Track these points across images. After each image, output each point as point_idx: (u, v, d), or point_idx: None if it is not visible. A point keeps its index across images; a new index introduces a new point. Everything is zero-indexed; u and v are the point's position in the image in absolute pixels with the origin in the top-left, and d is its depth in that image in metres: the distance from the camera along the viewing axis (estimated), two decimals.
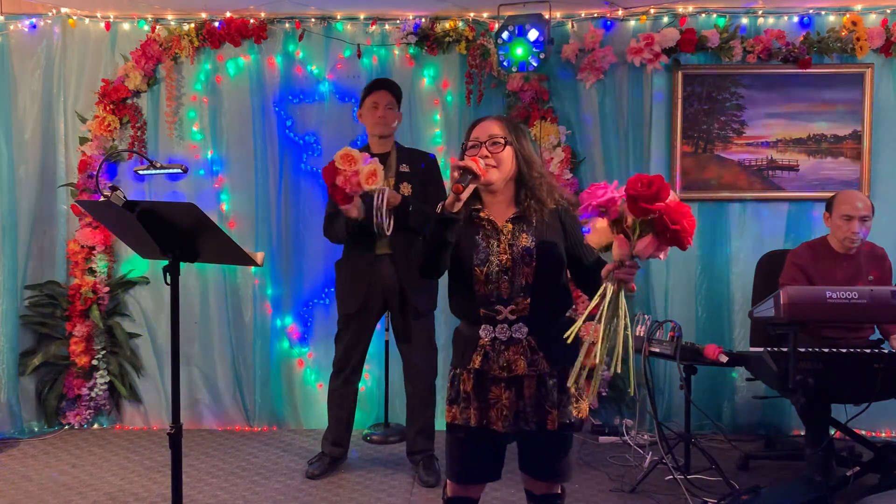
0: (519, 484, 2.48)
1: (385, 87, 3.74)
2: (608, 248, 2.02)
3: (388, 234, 3.47)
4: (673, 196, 1.90)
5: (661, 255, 1.94)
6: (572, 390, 2.15)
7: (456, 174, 2.10)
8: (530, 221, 2.21)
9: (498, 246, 2.20)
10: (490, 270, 2.18)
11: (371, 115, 3.69)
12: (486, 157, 2.18)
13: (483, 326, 2.22)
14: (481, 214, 2.24)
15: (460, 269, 2.23)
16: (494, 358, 2.19)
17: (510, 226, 2.21)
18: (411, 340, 3.70)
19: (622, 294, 1.96)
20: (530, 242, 2.19)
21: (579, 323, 2.07)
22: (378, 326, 3.96)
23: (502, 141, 2.21)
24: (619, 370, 1.95)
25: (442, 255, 2.18)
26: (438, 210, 2.12)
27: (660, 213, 1.87)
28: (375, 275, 3.64)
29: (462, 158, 2.23)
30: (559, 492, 2.35)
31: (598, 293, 1.99)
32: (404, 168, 3.67)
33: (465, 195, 2.10)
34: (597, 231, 2.02)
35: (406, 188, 3.62)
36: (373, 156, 3.68)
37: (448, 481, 2.38)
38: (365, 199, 3.37)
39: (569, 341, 2.05)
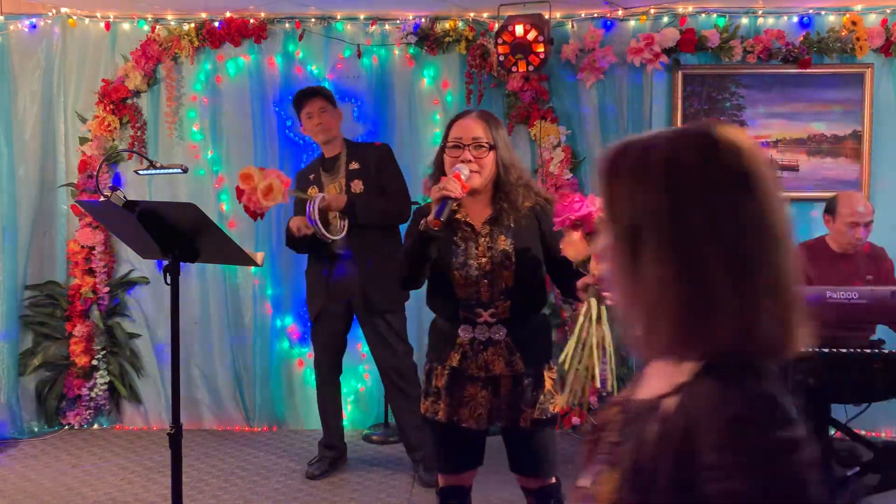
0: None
1: (312, 94, 3.75)
2: (585, 261, 2.03)
3: (335, 238, 3.53)
4: None
5: None
6: (567, 389, 2.14)
7: (434, 204, 2.09)
8: (507, 223, 2.21)
9: (476, 249, 2.20)
10: (469, 274, 2.18)
11: (309, 125, 3.73)
12: (470, 161, 2.17)
13: (462, 326, 2.23)
14: (458, 216, 2.23)
15: (439, 272, 2.22)
16: (472, 357, 2.21)
17: (488, 228, 2.22)
18: (380, 338, 3.72)
19: (604, 308, 1.97)
20: (508, 245, 2.19)
21: (571, 345, 2.06)
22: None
23: (486, 146, 2.19)
24: (611, 387, 2.02)
25: (423, 268, 2.19)
26: (421, 227, 2.10)
27: None
28: (336, 275, 3.69)
29: (441, 158, 2.23)
30: (553, 481, 2.37)
31: (582, 312, 2.00)
32: (354, 166, 3.69)
33: (447, 212, 2.10)
34: (572, 244, 2.02)
35: (357, 185, 3.64)
36: (323, 161, 3.76)
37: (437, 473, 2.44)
38: (301, 205, 3.47)
39: (566, 366, 2.06)
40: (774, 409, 0.86)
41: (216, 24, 4.46)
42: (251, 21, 4.45)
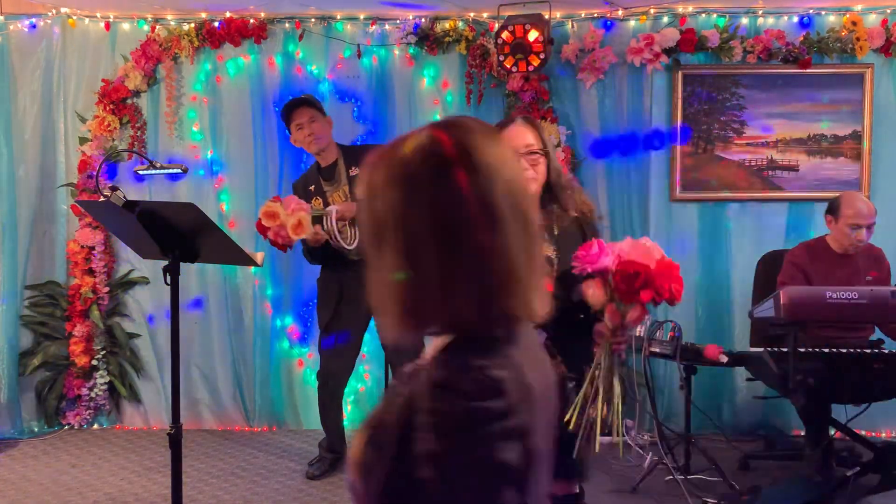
0: None
1: (300, 104, 3.71)
2: (602, 310, 2.04)
3: (351, 247, 3.51)
4: (658, 254, 1.92)
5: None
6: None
7: None
8: (552, 230, 2.20)
9: None
10: None
11: (300, 135, 3.69)
12: (526, 169, 2.15)
13: None
14: None
15: None
16: None
17: None
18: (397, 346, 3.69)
19: (616, 363, 2.00)
20: (551, 251, 2.18)
21: (579, 399, 2.08)
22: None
23: (540, 151, 2.18)
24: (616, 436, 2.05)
25: None
26: None
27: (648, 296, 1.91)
28: (351, 281, 3.60)
29: None
30: (577, 491, 2.36)
31: (595, 360, 2.01)
32: (354, 171, 3.67)
33: None
34: (589, 289, 2.02)
35: None
36: (319, 170, 3.71)
37: None
38: (316, 222, 3.44)
39: (570, 426, 2.09)
40: (479, 379, 0.93)
41: (216, 24, 4.46)
42: (251, 21, 4.45)
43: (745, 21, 4.40)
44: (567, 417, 2.09)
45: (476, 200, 0.97)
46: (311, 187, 3.71)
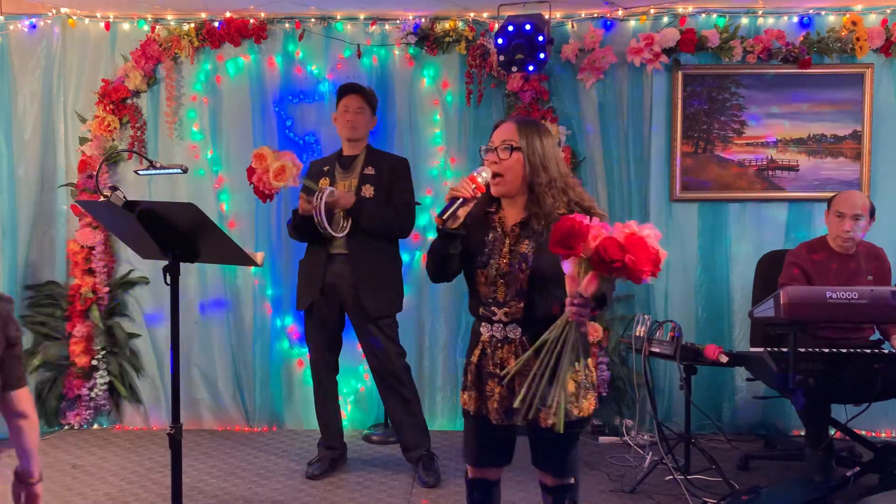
0: (533, 482, 2.51)
1: (356, 90, 3.75)
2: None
3: (337, 235, 3.53)
4: (628, 229, 1.95)
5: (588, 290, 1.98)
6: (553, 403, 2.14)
7: (447, 202, 2.18)
8: (535, 227, 2.24)
9: (501, 249, 2.26)
10: (489, 273, 2.26)
11: (341, 118, 3.74)
12: (495, 163, 2.24)
13: (483, 324, 2.31)
14: (495, 217, 2.31)
15: (469, 269, 2.32)
16: (490, 354, 2.29)
17: (517, 230, 2.27)
18: (368, 342, 3.71)
19: (573, 331, 2.02)
20: (529, 249, 2.23)
21: (529, 353, 2.12)
22: None
23: (510, 147, 2.23)
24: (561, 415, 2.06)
25: (447, 265, 2.28)
26: (439, 226, 2.19)
27: (590, 253, 1.93)
28: (330, 274, 3.66)
29: (482, 161, 2.30)
30: (571, 482, 2.38)
31: (556, 323, 2.04)
32: (369, 171, 3.69)
33: (462, 212, 2.18)
34: (568, 267, 2.04)
35: (368, 190, 3.64)
36: (340, 156, 3.74)
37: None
38: (309, 194, 3.48)
39: (507, 377, 2.18)
40: None
41: (216, 24, 4.46)
42: (251, 21, 4.45)
43: (745, 21, 4.40)
44: (506, 371, 2.18)
45: None
46: (326, 168, 3.76)
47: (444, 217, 2.15)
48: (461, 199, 2.16)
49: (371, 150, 3.80)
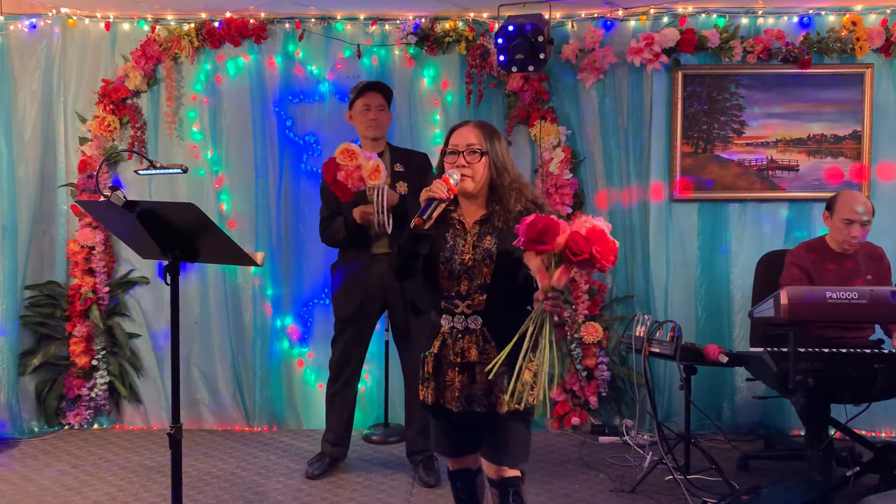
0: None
1: (376, 88, 3.74)
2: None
3: (389, 232, 3.46)
4: (588, 223, 2.08)
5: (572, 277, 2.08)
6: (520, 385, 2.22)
7: (422, 204, 2.27)
8: (496, 224, 2.37)
9: (463, 245, 2.38)
10: (453, 268, 2.37)
11: (363, 117, 3.69)
12: (464, 166, 2.36)
13: (444, 316, 2.41)
14: (454, 215, 2.42)
15: (429, 264, 2.40)
16: (451, 345, 2.39)
17: (477, 227, 2.39)
18: (410, 338, 3.70)
19: (549, 322, 2.13)
20: (492, 245, 2.35)
21: (507, 348, 2.19)
22: (378, 326, 3.96)
23: (479, 151, 2.37)
24: (542, 396, 2.19)
25: (415, 262, 2.38)
26: (412, 225, 2.28)
27: (560, 248, 2.06)
28: (373, 275, 3.64)
29: (441, 163, 2.43)
30: (518, 474, 2.42)
31: (530, 317, 2.15)
32: (399, 168, 3.69)
33: (436, 213, 2.28)
34: (530, 260, 2.17)
35: (402, 187, 3.62)
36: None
37: None
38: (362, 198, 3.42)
39: (490, 375, 2.25)
40: None
41: (216, 24, 4.46)
42: (251, 21, 4.45)
43: (745, 21, 4.40)
44: (489, 367, 2.24)
45: None
46: None
47: (424, 217, 2.25)
48: (437, 200, 2.27)
49: (393, 148, 3.79)
